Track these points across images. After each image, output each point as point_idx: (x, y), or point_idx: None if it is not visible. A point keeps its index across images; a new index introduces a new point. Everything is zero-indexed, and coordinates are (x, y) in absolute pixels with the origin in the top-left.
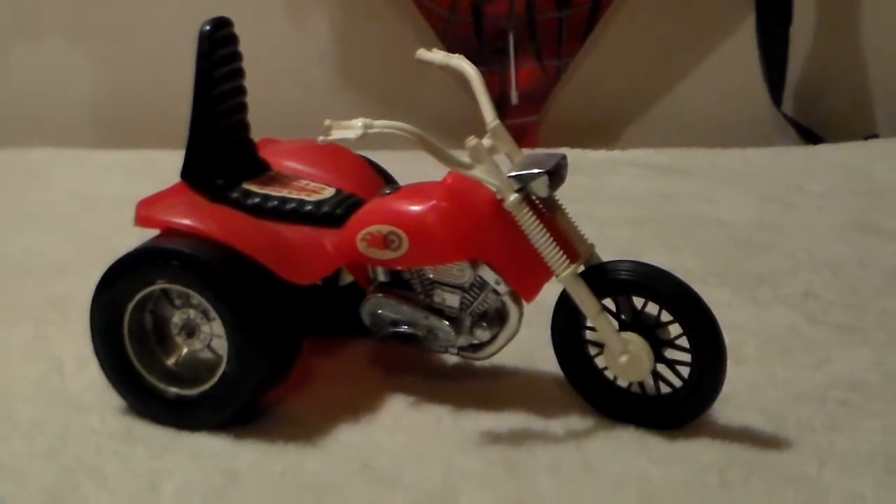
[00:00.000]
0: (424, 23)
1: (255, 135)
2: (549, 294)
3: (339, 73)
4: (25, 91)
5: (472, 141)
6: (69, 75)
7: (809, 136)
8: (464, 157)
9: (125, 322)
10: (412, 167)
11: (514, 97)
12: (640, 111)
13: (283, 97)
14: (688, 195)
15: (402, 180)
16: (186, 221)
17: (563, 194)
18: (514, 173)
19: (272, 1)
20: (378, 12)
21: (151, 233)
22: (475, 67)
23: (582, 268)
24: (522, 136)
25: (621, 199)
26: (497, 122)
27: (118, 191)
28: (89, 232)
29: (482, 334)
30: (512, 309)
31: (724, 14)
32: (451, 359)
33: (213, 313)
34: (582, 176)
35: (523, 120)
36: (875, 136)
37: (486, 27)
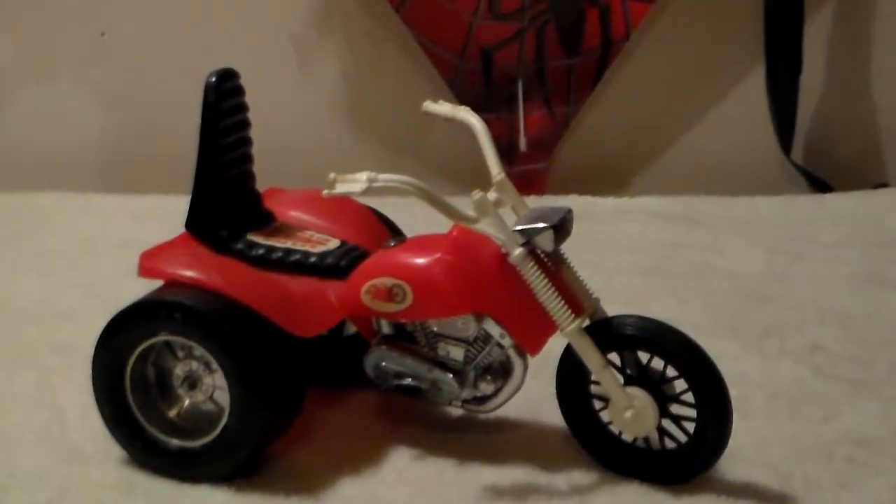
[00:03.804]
0: (434, 70)
1: (263, 183)
2: (555, 345)
3: (347, 120)
4: (32, 135)
5: (477, 195)
6: (76, 120)
7: (819, 184)
8: (469, 209)
9: (127, 374)
10: (419, 215)
11: (522, 144)
12: (649, 159)
13: (292, 145)
14: (696, 244)
15: (408, 228)
16: (189, 273)
17: (571, 242)
18: (519, 227)
19: (281, 49)
20: (387, 59)
21: (157, 281)
22: (481, 120)
23: (587, 322)
24: (531, 184)
25: (630, 247)
26: (503, 175)
27: (124, 236)
28: (95, 277)
29: (486, 387)
30: (516, 362)
31: (733, 62)
32: (455, 411)
33: (215, 365)
34: (590, 224)
35: (532, 167)
36: (885, 184)
37: (495, 74)
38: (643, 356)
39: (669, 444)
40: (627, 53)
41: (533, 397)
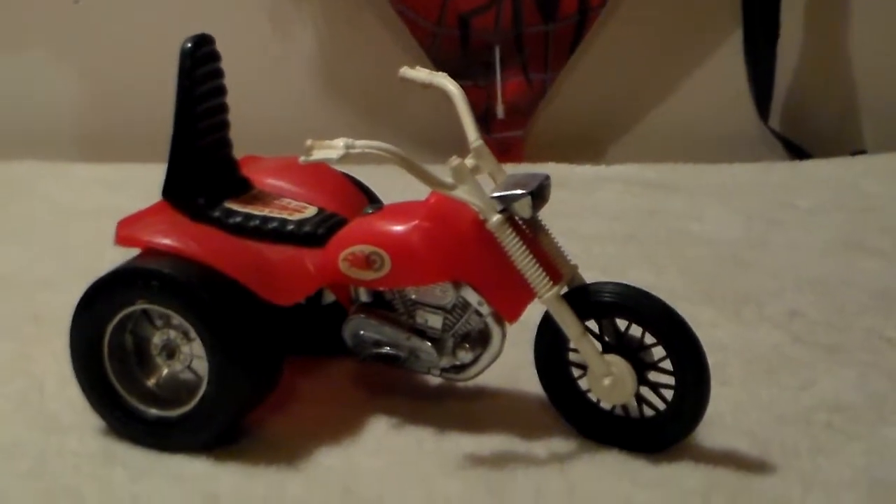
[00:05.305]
0: (411, 36)
1: (241, 151)
2: (533, 313)
3: (324, 88)
4: (7, 104)
5: (454, 161)
6: (52, 88)
7: (797, 151)
8: (447, 176)
9: (105, 343)
10: (396, 182)
11: (500, 111)
12: (627, 126)
13: (269, 113)
14: (674, 211)
15: (386, 196)
16: (167, 241)
17: (548, 210)
18: (497, 194)
19: (257, 15)
20: (364, 26)
21: (134, 249)
22: (458, 86)
23: (565, 289)
24: (508, 151)
25: (607, 215)
26: (480, 141)
27: (101, 204)
28: (72, 246)
29: (465, 355)
30: (495, 330)
31: (711, 29)
32: (434, 380)
33: (193, 334)
34: (568, 191)
35: (509, 134)
36: (862, 151)
37: (472, 41)
38: (621, 323)
39: (648, 411)
40: (604, 20)
41: (511, 365)
